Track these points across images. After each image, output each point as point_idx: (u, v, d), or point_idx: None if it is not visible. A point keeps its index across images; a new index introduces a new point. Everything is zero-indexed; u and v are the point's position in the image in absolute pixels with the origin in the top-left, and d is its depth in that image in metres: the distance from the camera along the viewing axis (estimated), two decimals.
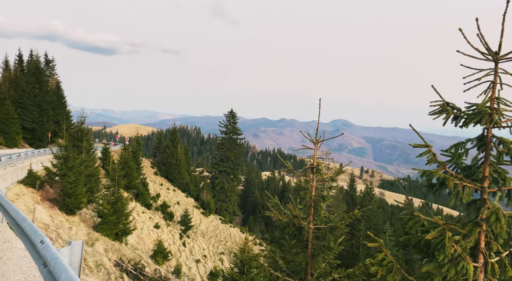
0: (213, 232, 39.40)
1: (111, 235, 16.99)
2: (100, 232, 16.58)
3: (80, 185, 16.17)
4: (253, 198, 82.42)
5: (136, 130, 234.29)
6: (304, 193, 6.73)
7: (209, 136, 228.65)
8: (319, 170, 6.89)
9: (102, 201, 17.37)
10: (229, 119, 51.27)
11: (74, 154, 16.61)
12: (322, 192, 6.90)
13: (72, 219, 16.16)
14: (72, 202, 15.62)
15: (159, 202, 36.71)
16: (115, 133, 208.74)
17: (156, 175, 43.77)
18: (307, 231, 6.46)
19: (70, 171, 15.76)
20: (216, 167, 50.33)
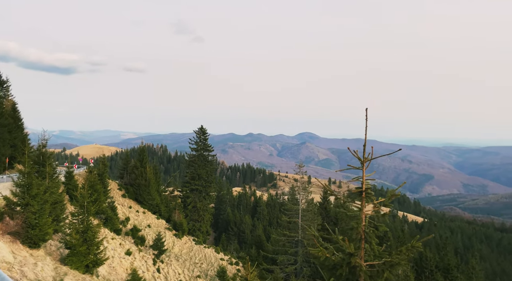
0: (187, 255, 37.79)
1: (81, 268, 15.56)
2: (68, 265, 15.12)
3: (45, 215, 14.74)
4: (225, 216, 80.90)
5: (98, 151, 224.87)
6: (356, 223, 5.95)
7: (176, 154, 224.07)
8: (370, 195, 6.20)
9: (70, 230, 15.95)
10: (199, 136, 50.25)
11: (38, 180, 15.19)
12: (373, 220, 6.02)
13: (37, 253, 14.64)
14: (36, 234, 14.15)
15: (129, 226, 34.78)
16: (75, 155, 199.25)
17: (124, 197, 41.67)
18: (362, 270, 5.41)
19: (34, 199, 14.35)
20: (187, 186, 48.82)
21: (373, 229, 5.73)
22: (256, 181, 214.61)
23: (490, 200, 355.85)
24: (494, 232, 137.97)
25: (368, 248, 5.47)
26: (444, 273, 39.86)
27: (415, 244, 5.51)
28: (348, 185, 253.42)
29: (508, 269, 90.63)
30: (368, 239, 5.62)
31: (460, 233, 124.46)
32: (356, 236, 5.66)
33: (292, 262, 40.62)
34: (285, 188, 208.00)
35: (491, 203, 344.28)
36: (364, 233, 5.58)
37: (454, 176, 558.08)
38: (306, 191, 40.99)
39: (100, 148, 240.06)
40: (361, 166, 5.85)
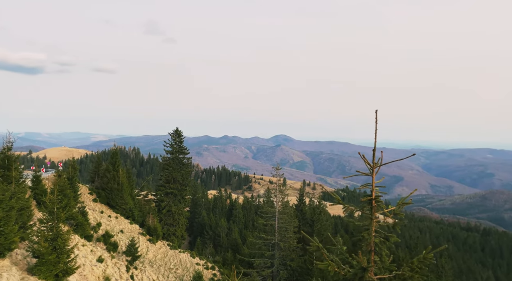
0: (162, 260, 36.84)
1: (50, 278, 14.72)
2: (36, 275, 14.27)
3: (10, 222, 13.84)
4: (200, 219, 79.83)
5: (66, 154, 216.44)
6: (367, 233, 5.46)
7: (150, 157, 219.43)
8: (380, 203, 5.81)
9: (38, 238, 15.06)
10: (175, 138, 49.29)
11: (3, 185, 14.25)
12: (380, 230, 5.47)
13: (2, 263, 13.70)
14: (1, 242, 13.26)
15: (101, 231, 33.48)
16: (42, 158, 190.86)
17: (96, 202, 40.13)
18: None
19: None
20: (162, 189, 47.71)
21: (384, 240, 5.32)
22: (231, 184, 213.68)
23: (456, 201, 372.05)
24: (460, 232, 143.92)
25: (376, 260, 5.10)
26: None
27: (427, 256, 5.13)
28: (322, 187, 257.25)
29: (473, 267, 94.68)
30: (378, 251, 5.26)
31: (429, 233, 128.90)
32: (366, 248, 5.26)
33: (268, 265, 40.54)
34: (260, 191, 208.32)
35: (457, 204, 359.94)
36: (373, 243, 5.20)
37: (422, 177, 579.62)
38: (282, 194, 41.10)
39: (69, 150, 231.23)
40: (370, 172, 5.51)
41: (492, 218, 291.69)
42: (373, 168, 5.37)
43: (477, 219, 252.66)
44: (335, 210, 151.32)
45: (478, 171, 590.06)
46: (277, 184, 42.40)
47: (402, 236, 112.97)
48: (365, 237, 5.14)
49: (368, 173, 5.37)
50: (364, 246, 5.16)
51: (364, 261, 5.09)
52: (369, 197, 5.47)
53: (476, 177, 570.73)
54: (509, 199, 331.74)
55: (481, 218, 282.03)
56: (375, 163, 5.32)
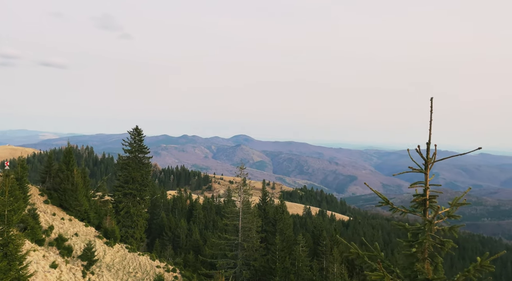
0: (120, 264, 35.19)
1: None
2: None
3: None
4: (159, 220, 77.58)
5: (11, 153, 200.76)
6: (425, 238, 4.39)
7: (104, 156, 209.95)
8: (434, 204, 4.95)
9: None
10: (134, 137, 47.38)
11: None
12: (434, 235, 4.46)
13: None
14: None
15: (53, 235, 31.33)
16: None
17: (47, 203, 37.48)
18: None
19: None
20: (120, 190, 45.64)
21: (440, 246, 4.69)
22: (190, 184, 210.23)
23: (405, 199, 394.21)
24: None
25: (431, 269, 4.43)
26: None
27: (484, 263, 4.56)
28: (281, 187, 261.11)
29: None
30: (433, 260, 4.61)
31: (381, 230, 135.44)
32: (421, 256, 4.58)
33: (231, 265, 40.26)
34: (220, 191, 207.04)
35: (406, 202, 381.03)
36: (427, 250, 4.62)
37: (374, 176, 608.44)
38: (247, 194, 41.00)
39: (14, 149, 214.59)
40: (423, 168, 4.83)
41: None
42: (427, 163, 4.60)
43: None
44: (293, 209, 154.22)
45: None
46: (241, 184, 42.24)
47: (357, 233, 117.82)
48: (422, 241, 4.42)
49: (421, 170, 4.72)
50: (419, 253, 4.50)
51: (429, 272, 4.43)
52: (422, 197, 4.61)
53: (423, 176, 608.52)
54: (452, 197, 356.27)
55: None
56: (430, 158, 4.60)
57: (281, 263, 36.47)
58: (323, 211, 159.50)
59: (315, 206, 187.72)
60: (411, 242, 4.68)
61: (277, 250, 37.47)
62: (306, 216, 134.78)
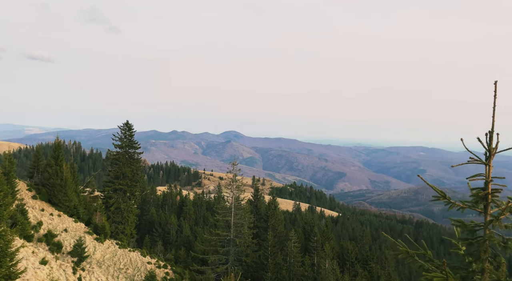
0: (111, 260, 34.72)
1: None
2: None
3: None
4: (149, 216, 76.91)
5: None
6: (488, 236, 4.06)
7: (92, 151, 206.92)
8: (496, 198, 4.15)
9: None
10: (125, 132, 46.63)
11: None
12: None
13: None
14: None
15: (42, 231, 30.68)
16: None
17: (35, 199, 36.68)
18: None
19: None
20: (110, 186, 44.95)
21: (504, 245, 4.21)
22: (180, 180, 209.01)
23: (392, 195, 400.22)
24: (396, 224, 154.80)
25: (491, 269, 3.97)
26: (363, 264, 43.16)
27: None
28: (271, 183, 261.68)
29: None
30: (496, 259, 4.19)
31: (369, 225, 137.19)
32: (484, 255, 4.14)
33: (223, 261, 40.13)
34: (210, 187, 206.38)
35: (393, 198, 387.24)
36: (489, 249, 4.28)
37: (363, 173, 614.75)
38: (239, 190, 40.82)
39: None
40: (483, 160, 4.23)
41: (423, 211, 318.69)
42: (490, 153, 4.28)
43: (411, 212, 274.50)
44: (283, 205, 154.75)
45: (412, 168, 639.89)
46: (233, 179, 42.04)
47: (345, 229, 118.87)
48: (485, 239, 4.14)
49: (483, 162, 4.12)
50: (482, 253, 4.14)
51: (501, 274, 3.99)
52: (484, 192, 4.31)
53: (410, 173, 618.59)
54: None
55: (414, 211, 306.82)
56: (493, 148, 4.16)
57: (273, 259, 36.53)
58: (313, 207, 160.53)
59: (305, 202, 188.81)
60: (471, 240, 4.26)
61: (269, 246, 37.52)
62: (296, 212, 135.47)
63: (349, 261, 42.02)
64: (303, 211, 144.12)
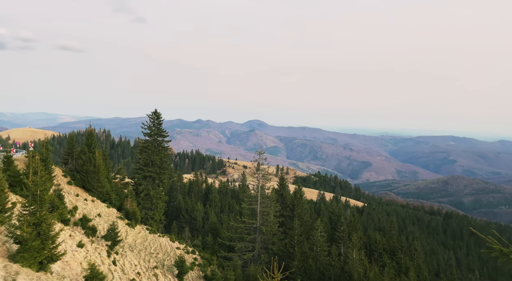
0: (142, 245, 35.90)
1: (35, 265, 13.70)
2: (20, 262, 13.21)
3: None
4: (176, 203, 78.73)
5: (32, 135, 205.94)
6: None
7: (121, 139, 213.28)
8: None
9: (20, 223, 13.91)
10: (153, 120, 47.54)
11: None
12: None
13: None
14: None
15: (78, 215, 32.03)
16: (6, 138, 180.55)
17: (70, 184, 38.27)
18: None
19: None
20: (140, 173, 46.19)
21: None
22: (205, 168, 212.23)
23: (420, 186, 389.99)
24: (424, 215, 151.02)
25: None
26: (391, 255, 42.47)
27: None
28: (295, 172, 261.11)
29: (436, 248, 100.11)
30: None
31: (396, 216, 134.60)
32: None
33: (250, 249, 40.62)
34: (234, 175, 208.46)
35: (421, 188, 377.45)
36: None
37: (389, 163, 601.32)
38: (265, 178, 40.90)
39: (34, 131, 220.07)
40: None
41: (453, 202, 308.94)
42: None
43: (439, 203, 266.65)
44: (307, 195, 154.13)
45: (441, 158, 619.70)
46: (259, 168, 42.13)
47: (371, 219, 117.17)
48: None
49: None
50: None
51: None
52: None
53: (440, 163, 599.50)
54: (469, 184, 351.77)
55: (443, 202, 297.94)
56: None
57: (299, 248, 36.55)
58: (337, 197, 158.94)
59: (329, 191, 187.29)
60: None
61: (296, 234, 37.51)
62: (320, 202, 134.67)
63: (376, 252, 41.44)
64: (327, 200, 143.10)
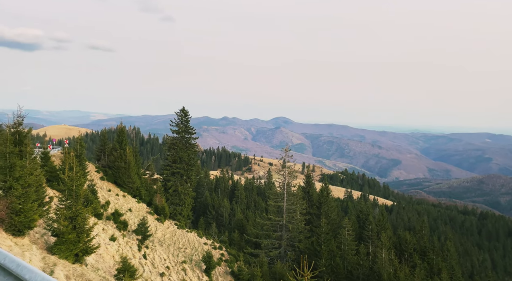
0: (170, 240, 36.73)
1: (71, 257, 14.29)
2: (57, 254, 13.81)
3: (29, 199, 13.26)
4: (203, 199, 79.94)
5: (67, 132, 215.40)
6: None
7: (150, 136, 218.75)
8: None
9: (57, 216, 14.54)
10: (181, 118, 48.42)
11: (22, 161, 13.59)
12: None
13: (22, 241, 13.21)
14: (21, 220, 12.71)
15: (110, 210, 33.17)
16: (42, 135, 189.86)
17: (103, 180, 39.72)
18: None
19: (17, 182, 12.81)
20: (168, 169, 47.25)
21: None
22: (231, 165, 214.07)
23: (453, 184, 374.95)
24: (457, 215, 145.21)
25: None
26: (422, 255, 41.16)
27: None
28: (321, 170, 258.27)
29: (470, 250, 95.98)
30: None
31: (427, 215, 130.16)
32: None
33: (276, 246, 40.61)
34: (260, 172, 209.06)
35: (454, 187, 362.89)
36: None
37: (420, 161, 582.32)
38: (292, 176, 40.69)
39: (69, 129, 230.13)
40: None
41: (488, 202, 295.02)
42: None
43: (474, 203, 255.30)
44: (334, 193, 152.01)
45: (476, 156, 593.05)
46: (285, 165, 41.95)
47: (401, 218, 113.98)
48: None
49: None
50: None
51: None
52: None
53: (474, 161, 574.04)
54: (506, 183, 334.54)
55: (478, 202, 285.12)
56: None
57: (326, 246, 36.12)
58: (365, 195, 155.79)
59: (357, 190, 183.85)
60: None
61: (323, 232, 37.09)
62: (347, 200, 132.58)
63: (407, 252, 40.27)
64: (355, 199, 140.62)
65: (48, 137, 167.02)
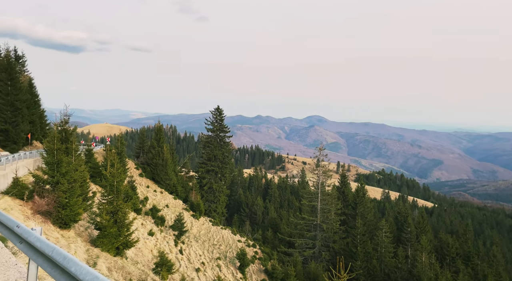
0: (205, 236, 37.43)
1: (112, 250, 14.89)
2: (99, 247, 14.45)
3: (75, 194, 13.97)
4: (237, 197, 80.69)
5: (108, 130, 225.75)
6: None
7: (186, 135, 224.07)
8: None
9: (100, 211, 15.22)
10: (216, 116, 49.18)
11: (68, 158, 14.35)
12: None
13: (68, 234, 13.95)
14: (67, 214, 13.42)
15: (148, 205, 34.35)
16: (86, 133, 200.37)
17: (142, 176, 41.19)
18: None
19: (64, 177, 13.54)
20: (203, 167, 48.17)
21: None
22: (264, 164, 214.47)
23: (500, 186, 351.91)
24: (505, 218, 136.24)
25: None
26: (465, 260, 39.05)
27: None
28: (357, 169, 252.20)
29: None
30: None
31: (471, 219, 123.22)
32: None
33: (310, 246, 40.15)
34: (293, 171, 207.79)
35: (501, 189, 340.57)
36: None
37: (463, 161, 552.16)
38: (326, 175, 40.02)
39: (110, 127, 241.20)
40: None
41: None
42: None
43: None
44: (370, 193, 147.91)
45: None
46: (319, 164, 41.32)
47: (442, 221, 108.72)
48: None
49: None
50: None
51: None
52: None
53: None
54: None
55: None
56: None
57: (362, 248, 35.21)
58: (404, 196, 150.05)
59: (394, 190, 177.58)
60: None
61: (358, 234, 36.20)
62: (384, 201, 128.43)
63: (449, 256, 38.38)
64: (392, 200, 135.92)
65: (92, 135, 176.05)
